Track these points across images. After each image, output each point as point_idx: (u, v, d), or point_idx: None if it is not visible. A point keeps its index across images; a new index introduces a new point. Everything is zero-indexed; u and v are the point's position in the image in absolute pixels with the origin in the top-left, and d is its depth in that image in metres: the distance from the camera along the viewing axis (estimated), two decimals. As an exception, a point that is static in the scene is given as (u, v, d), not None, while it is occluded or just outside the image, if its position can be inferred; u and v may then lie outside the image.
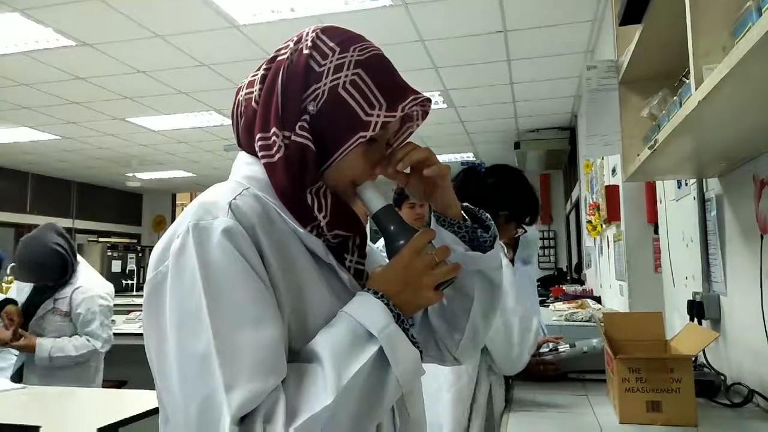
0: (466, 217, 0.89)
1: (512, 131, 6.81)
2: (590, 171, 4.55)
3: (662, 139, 1.24)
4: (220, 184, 0.79)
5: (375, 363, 0.68)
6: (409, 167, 0.82)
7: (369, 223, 1.01)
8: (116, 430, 1.84)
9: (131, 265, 9.25)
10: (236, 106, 0.83)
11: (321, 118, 0.76)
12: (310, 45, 0.79)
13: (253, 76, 0.82)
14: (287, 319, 0.71)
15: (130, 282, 8.78)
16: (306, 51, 0.79)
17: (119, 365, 3.24)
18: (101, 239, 10.11)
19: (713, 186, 1.73)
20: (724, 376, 1.61)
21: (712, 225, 1.74)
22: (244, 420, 0.61)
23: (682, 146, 1.30)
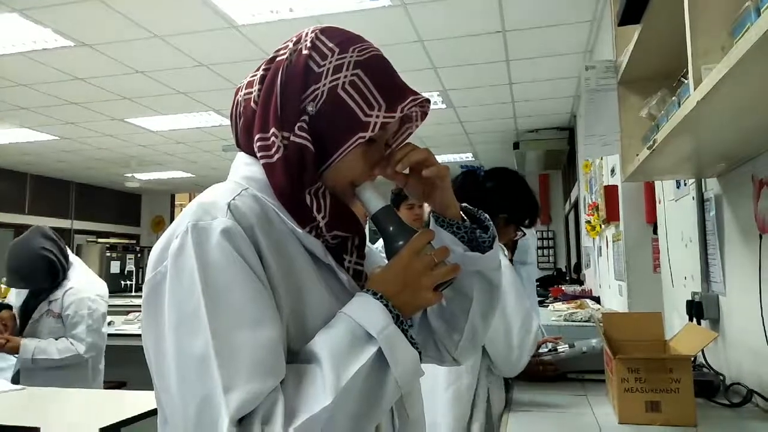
0: (465, 218, 0.89)
1: (511, 131, 6.82)
2: (589, 171, 4.55)
3: (661, 139, 1.24)
4: (218, 184, 0.79)
5: (374, 364, 0.68)
6: (408, 168, 0.82)
7: (368, 224, 1.01)
8: (118, 430, 1.84)
9: (130, 266, 9.24)
10: (235, 106, 0.83)
11: (320, 118, 0.76)
12: (309, 45, 0.79)
13: (252, 76, 0.82)
14: (286, 319, 0.71)
15: (128, 282, 8.78)
16: (305, 51, 0.79)
17: (119, 366, 3.23)
18: (100, 240, 10.13)
19: (712, 186, 1.73)
20: (723, 376, 1.61)
21: (711, 225, 1.74)
22: (243, 421, 0.61)
23: (681, 146, 1.30)
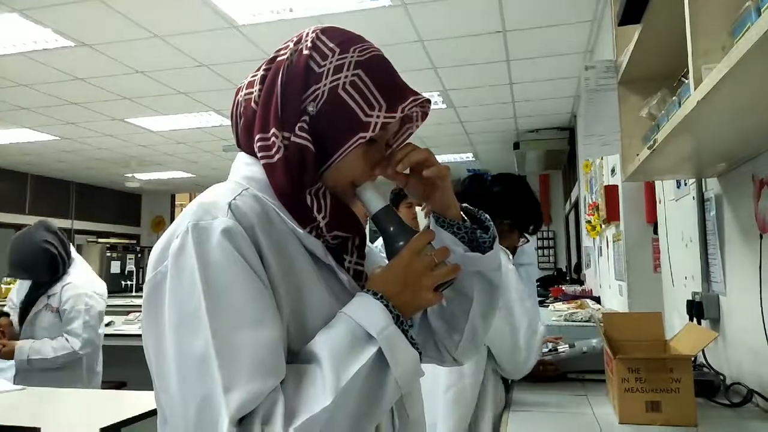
0: (466, 218, 0.89)
1: (511, 131, 6.81)
2: (589, 171, 4.55)
3: (661, 139, 1.24)
4: (219, 184, 0.79)
5: (374, 364, 0.68)
6: (409, 168, 0.82)
7: (368, 224, 1.01)
8: (118, 430, 1.84)
9: (130, 266, 9.24)
10: (236, 106, 0.83)
11: (321, 118, 0.76)
12: (309, 45, 0.79)
13: (252, 76, 0.82)
14: (286, 319, 0.71)
15: (129, 282, 8.78)
16: (306, 51, 0.79)
17: (118, 366, 3.23)
18: (100, 240, 10.13)
19: (712, 186, 1.73)
20: (724, 375, 1.61)
21: (712, 225, 1.74)
22: (243, 421, 0.61)
23: (682, 146, 1.30)
